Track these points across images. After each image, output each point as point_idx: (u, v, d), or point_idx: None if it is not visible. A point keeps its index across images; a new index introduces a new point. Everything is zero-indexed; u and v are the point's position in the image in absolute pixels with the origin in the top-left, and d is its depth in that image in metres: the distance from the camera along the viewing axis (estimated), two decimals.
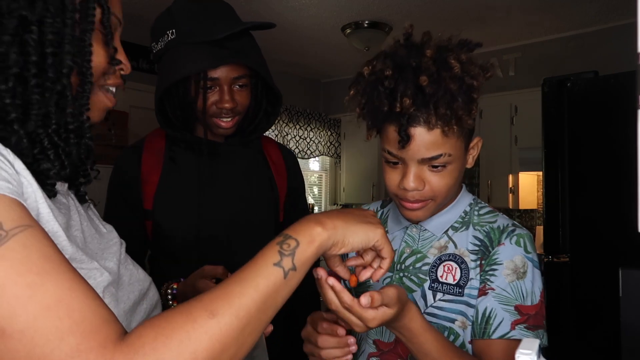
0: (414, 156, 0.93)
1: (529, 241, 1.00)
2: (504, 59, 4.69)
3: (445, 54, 0.90)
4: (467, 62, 0.91)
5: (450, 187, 0.98)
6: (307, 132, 5.72)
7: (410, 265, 1.05)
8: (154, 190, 1.31)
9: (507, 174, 4.43)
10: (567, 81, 2.57)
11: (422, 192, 0.96)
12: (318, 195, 6.18)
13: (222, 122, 1.27)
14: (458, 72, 0.89)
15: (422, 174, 0.95)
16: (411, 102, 0.88)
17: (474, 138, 1.02)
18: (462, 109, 0.89)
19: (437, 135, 0.91)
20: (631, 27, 0.47)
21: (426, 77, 0.87)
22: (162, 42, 1.25)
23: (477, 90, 0.91)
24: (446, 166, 0.95)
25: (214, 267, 1.16)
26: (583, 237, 2.50)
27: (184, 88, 1.22)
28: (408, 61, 0.90)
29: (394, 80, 0.90)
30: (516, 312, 0.95)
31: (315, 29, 4.32)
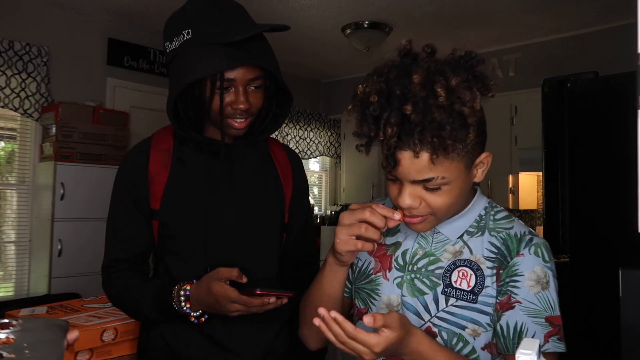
0: (405, 177, 0.91)
1: (547, 250, 0.98)
2: (504, 59, 4.69)
3: (434, 79, 0.85)
4: (458, 88, 0.85)
5: (450, 205, 0.96)
6: (307, 132, 5.73)
7: (423, 267, 1.03)
8: (161, 190, 1.30)
9: (507, 174, 4.44)
10: (567, 81, 2.57)
11: (419, 209, 0.95)
12: (318, 196, 6.18)
13: (235, 123, 1.26)
14: (444, 102, 0.84)
15: (418, 193, 0.93)
16: (395, 130, 0.85)
17: (483, 153, 0.98)
18: (451, 137, 0.85)
19: (425, 160, 0.88)
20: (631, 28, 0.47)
21: (410, 106, 0.84)
22: (176, 42, 1.24)
23: (473, 114, 0.87)
24: (441, 188, 0.92)
25: (229, 270, 1.16)
26: (583, 238, 2.50)
27: (199, 88, 1.22)
28: (394, 87, 0.86)
29: (379, 107, 0.87)
30: (547, 323, 0.93)
31: (316, 29, 4.32)
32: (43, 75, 3.80)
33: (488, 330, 0.97)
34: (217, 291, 1.14)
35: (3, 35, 3.62)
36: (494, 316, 0.97)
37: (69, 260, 3.61)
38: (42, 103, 3.77)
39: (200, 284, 1.19)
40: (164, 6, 3.91)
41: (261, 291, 1.13)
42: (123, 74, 4.33)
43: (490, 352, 0.98)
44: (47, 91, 3.81)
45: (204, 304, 1.19)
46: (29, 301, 3.17)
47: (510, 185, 4.43)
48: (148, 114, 4.37)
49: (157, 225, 1.31)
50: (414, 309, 1.01)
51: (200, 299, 1.19)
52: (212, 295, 1.15)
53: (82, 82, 4.09)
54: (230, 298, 1.13)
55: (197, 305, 1.21)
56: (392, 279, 1.05)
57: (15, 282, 3.84)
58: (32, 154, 3.85)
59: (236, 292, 1.13)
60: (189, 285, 1.21)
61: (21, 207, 3.87)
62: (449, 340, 0.97)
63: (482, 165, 0.99)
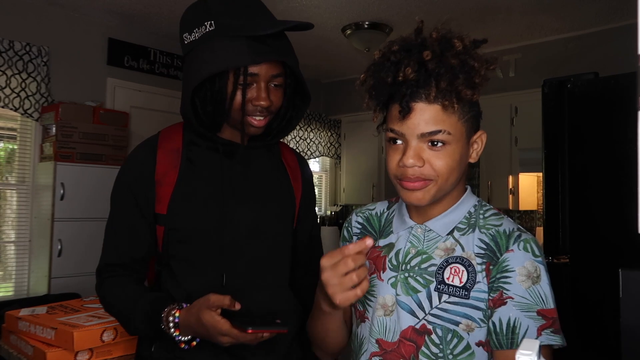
0: (414, 130, 0.96)
1: (536, 245, 1.00)
2: (505, 59, 4.69)
3: (450, 36, 0.96)
4: (470, 46, 0.96)
5: (451, 170, 0.98)
6: (307, 132, 5.73)
7: (416, 266, 1.04)
8: (170, 192, 1.22)
9: (507, 174, 4.44)
10: (567, 82, 2.57)
11: (422, 170, 0.97)
12: (318, 196, 6.18)
13: (254, 121, 1.21)
14: (460, 49, 0.94)
15: (422, 152, 0.97)
16: (413, 72, 0.93)
17: (479, 131, 1.04)
18: (463, 86, 0.93)
19: (437, 110, 0.95)
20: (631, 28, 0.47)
21: (429, 52, 0.93)
22: (197, 33, 1.18)
23: (479, 75, 0.95)
24: (445, 145, 0.97)
25: (221, 297, 1.08)
26: (583, 238, 2.50)
27: (220, 82, 1.17)
28: (414, 41, 0.96)
29: (400, 55, 0.95)
30: (540, 317, 0.94)
31: (316, 30, 4.32)
32: (43, 75, 3.80)
33: (482, 326, 0.98)
34: (207, 321, 1.07)
35: (3, 35, 3.62)
36: (486, 312, 0.98)
37: (69, 260, 3.61)
38: (42, 103, 3.77)
39: (190, 310, 1.12)
40: (164, 6, 3.91)
41: (253, 330, 1.06)
42: (123, 74, 4.33)
43: (486, 350, 0.99)
44: (47, 91, 3.82)
45: (193, 331, 1.12)
46: (29, 301, 3.17)
47: (510, 186, 4.43)
48: (148, 114, 4.38)
49: (162, 230, 1.24)
50: (409, 308, 1.02)
51: (189, 327, 1.12)
52: (202, 324, 1.08)
53: (82, 82, 4.09)
54: (221, 331, 1.06)
55: (187, 332, 1.13)
56: (387, 279, 1.06)
57: (15, 282, 3.84)
58: (32, 154, 3.85)
59: (227, 325, 1.06)
60: (177, 310, 1.13)
61: (21, 207, 3.86)
62: (443, 337, 0.99)
63: (477, 145, 1.04)
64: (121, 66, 4.32)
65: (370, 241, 0.90)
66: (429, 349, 1.00)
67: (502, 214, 1.07)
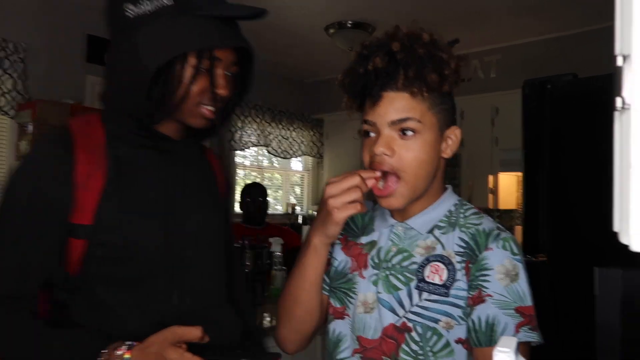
0: (384, 118, 0.99)
1: (515, 244, 1.01)
2: (486, 60, 4.73)
3: (418, 31, 1.01)
4: (438, 40, 1.00)
5: (420, 162, 0.99)
6: (290, 132, 5.72)
7: (397, 264, 1.05)
8: (96, 198, 0.98)
9: (487, 174, 4.48)
10: (547, 83, 2.60)
11: (391, 161, 0.99)
12: (300, 195, 6.18)
13: (207, 111, 1.05)
14: (427, 41, 0.98)
15: (392, 142, 0.99)
16: (382, 62, 0.97)
17: (453, 126, 1.05)
18: (431, 75, 0.96)
19: (406, 98, 0.98)
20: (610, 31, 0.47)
21: (398, 43, 0.97)
22: (147, 6, 0.99)
23: (449, 67, 0.98)
24: (416, 134, 0.98)
25: (188, 330, 0.90)
26: (561, 237, 2.53)
27: (179, 66, 1.00)
28: (384, 36, 1.01)
29: (371, 48, 1.00)
30: (518, 314, 0.95)
31: (299, 29, 4.32)
32: (20, 71, 3.73)
33: (461, 323, 0.99)
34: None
35: None
36: (466, 309, 0.98)
37: None
38: (19, 100, 3.70)
39: (147, 349, 0.89)
40: None
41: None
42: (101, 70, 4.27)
43: (465, 348, 1.00)
44: (24, 88, 3.75)
45: None
46: None
47: (490, 186, 4.47)
48: None
49: (81, 245, 0.97)
50: (389, 305, 1.03)
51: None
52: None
53: (60, 79, 4.02)
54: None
55: None
56: (368, 276, 1.07)
57: None
58: (8, 152, 3.79)
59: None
60: (127, 352, 0.89)
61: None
62: (423, 334, 0.99)
63: (452, 140, 1.05)
64: (101, 63, 4.23)
65: (379, 173, 0.97)
66: (409, 346, 1.00)
67: (482, 213, 1.08)
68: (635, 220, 0.39)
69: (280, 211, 5.80)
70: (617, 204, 0.45)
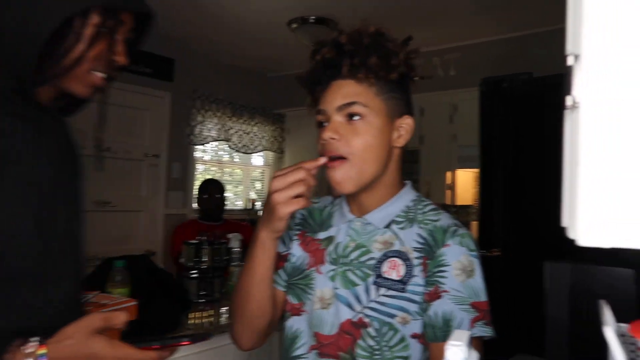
0: (332, 104, 1.02)
1: (471, 240, 1.03)
2: (445, 58, 4.80)
3: (366, 25, 1.04)
4: (386, 33, 1.04)
5: (368, 146, 1.01)
6: (251, 126, 5.67)
7: (355, 259, 1.05)
8: None
9: (445, 170, 4.55)
10: (503, 81, 2.66)
11: (338, 144, 1.00)
12: (261, 190, 6.14)
13: (98, 79, 0.94)
14: (373, 31, 1.02)
15: (340, 127, 1.01)
16: (330, 53, 1.02)
17: (405, 115, 1.08)
18: (377, 64, 1.00)
19: (352, 84, 1.02)
20: (564, 31, 0.48)
21: (345, 35, 1.02)
22: None
23: (397, 57, 1.02)
24: (362, 118, 1.01)
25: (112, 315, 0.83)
26: (514, 232, 2.60)
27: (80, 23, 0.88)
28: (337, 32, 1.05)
29: (322, 43, 1.05)
30: (473, 309, 0.97)
31: (262, 23, 4.28)
32: None
33: (417, 318, 1.00)
34: (107, 352, 0.79)
35: None
36: (422, 305, 0.99)
37: None
38: None
39: (64, 342, 0.79)
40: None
41: (161, 345, 0.88)
42: None
43: (420, 343, 1.01)
44: None
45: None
46: None
47: (448, 181, 4.55)
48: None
49: None
50: (346, 301, 1.03)
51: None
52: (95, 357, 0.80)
53: None
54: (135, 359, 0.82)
55: None
56: (326, 272, 1.07)
57: None
58: None
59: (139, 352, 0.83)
60: (41, 346, 0.78)
61: None
62: (379, 330, 1.00)
63: (404, 129, 1.08)
64: None
65: (324, 159, 0.98)
66: (366, 341, 1.01)
67: (440, 210, 1.09)
68: (582, 216, 0.40)
69: (240, 207, 5.76)
70: (565, 200, 0.46)
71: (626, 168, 0.38)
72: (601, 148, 0.39)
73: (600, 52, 0.39)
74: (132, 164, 4.64)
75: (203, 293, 2.16)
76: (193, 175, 5.20)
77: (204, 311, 2.02)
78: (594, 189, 0.39)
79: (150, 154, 4.77)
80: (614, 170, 0.39)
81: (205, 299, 2.15)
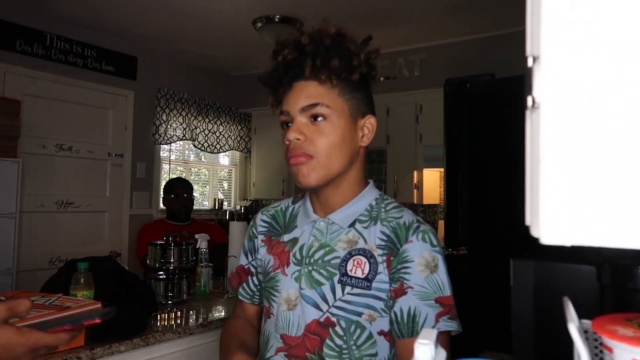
0: (295, 106, 1.03)
1: (433, 235, 1.04)
2: (410, 59, 4.86)
3: (327, 26, 1.04)
4: (346, 34, 1.04)
5: (332, 146, 1.02)
6: (217, 126, 5.61)
7: (319, 259, 1.05)
8: None
9: (412, 170, 4.60)
10: (466, 82, 2.70)
11: (302, 144, 1.02)
12: (228, 190, 6.09)
13: None
14: (333, 33, 1.02)
15: (304, 128, 1.03)
16: (291, 54, 1.03)
17: (369, 114, 1.09)
18: (339, 66, 1.01)
19: (315, 85, 1.03)
20: (524, 34, 0.49)
21: (307, 36, 1.02)
22: None
23: (357, 58, 1.02)
24: (326, 119, 1.02)
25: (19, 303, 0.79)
26: (480, 231, 2.64)
27: None
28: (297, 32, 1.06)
29: (284, 44, 1.05)
30: (438, 304, 0.98)
31: (226, 21, 4.24)
32: None
33: (383, 315, 1.01)
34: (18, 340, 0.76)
35: None
36: (388, 302, 1.00)
37: None
38: None
39: None
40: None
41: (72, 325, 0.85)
42: (15, 58, 4.01)
43: (387, 340, 1.02)
44: None
45: None
46: None
47: (415, 181, 4.60)
48: (43, 103, 4.09)
49: None
50: (312, 301, 1.03)
51: None
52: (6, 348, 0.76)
53: None
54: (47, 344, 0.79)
55: None
56: (290, 273, 1.07)
57: None
58: None
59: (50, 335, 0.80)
60: None
61: None
62: (347, 328, 1.00)
63: (368, 129, 1.09)
64: (13, 50, 4.00)
65: None
66: (334, 341, 1.01)
67: (403, 207, 1.11)
68: (544, 214, 0.40)
69: (207, 207, 5.70)
70: (528, 199, 0.47)
71: (586, 166, 0.39)
72: (561, 147, 0.40)
73: (558, 54, 0.40)
74: (95, 164, 4.54)
75: (170, 294, 2.12)
76: (159, 175, 5.12)
77: (171, 312, 1.99)
78: (554, 187, 0.40)
79: (113, 153, 4.68)
80: (574, 168, 0.39)
81: (173, 301, 2.12)
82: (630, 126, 0.38)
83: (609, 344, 0.51)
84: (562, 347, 0.68)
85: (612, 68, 0.39)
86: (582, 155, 0.39)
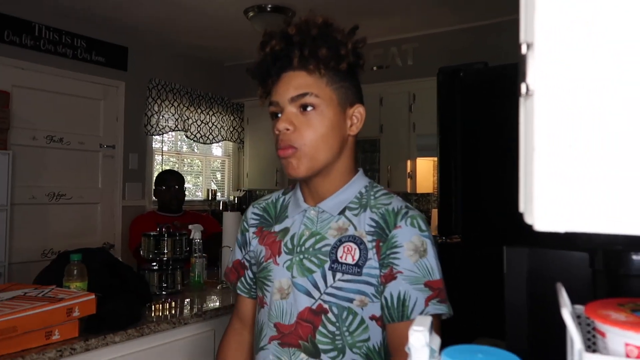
0: (284, 96, 1.03)
1: (422, 220, 1.05)
2: (403, 48, 4.84)
3: (313, 16, 1.04)
4: (333, 23, 1.04)
5: (320, 136, 1.03)
6: (210, 116, 5.59)
7: (310, 247, 1.06)
8: None
9: (405, 159, 4.61)
10: (459, 71, 2.70)
11: (291, 135, 1.02)
12: (221, 181, 6.08)
13: None
14: (320, 22, 1.03)
15: (294, 118, 1.03)
16: (279, 45, 1.03)
17: (357, 104, 1.09)
18: (327, 55, 1.01)
19: (303, 76, 1.03)
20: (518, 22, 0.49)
21: (294, 27, 1.03)
22: None
23: (345, 47, 1.03)
24: (315, 109, 1.02)
25: None
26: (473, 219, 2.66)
27: None
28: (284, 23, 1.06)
29: (271, 35, 1.06)
30: (427, 288, 0.99)
31: (218, 10, 4.21)
32: None
33: (374, 301, 1.02)
34: None
35: None
36: (378, 287, 1.01)
37: None
38: None
39: None
40: None
41: None
42: (3, 49, 3.96)
43: (379, 325, 1.02)
44: None
45: None
46: None
47: (408, 170, 4.61)
48: (32, 94, 4.05)
49: None
50: (304, 289, 1.04)
51: None
52: None
53: None
54: None
55: None
56: (282, 262, 1.08)
57: None
58: None
59: None
60: None
61: None
62: (339, 315, 1.01)
63: (357, 118, 1.09)
64: (0, 41, 3.95)
65: None
66: (326, 327, 1.01)
67: (392, 194, 1.11)
68: (538, 201, 0.40)
69: (200, 197, 5.69)
70: (522, 186, 0.47)
71: (579, 153, 0.39)
72: (555, 134, 0.40)
73: (552, 40, 0.40)
74: (87, 155, 4.51)
75: (164, 285, 2.12)
76: (152, 167, 5.10)
77: (166, 303, 1.99)
78: (548, 174, 0.40)
79: (105, 145, 4.65)
80: (567, 155, 0.40)
81: (167, 291, 2.12)
82: (623, 111, 0.38)
83: (602, 328, 0.51)
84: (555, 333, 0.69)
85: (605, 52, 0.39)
86: (575, 141, 0.39)
